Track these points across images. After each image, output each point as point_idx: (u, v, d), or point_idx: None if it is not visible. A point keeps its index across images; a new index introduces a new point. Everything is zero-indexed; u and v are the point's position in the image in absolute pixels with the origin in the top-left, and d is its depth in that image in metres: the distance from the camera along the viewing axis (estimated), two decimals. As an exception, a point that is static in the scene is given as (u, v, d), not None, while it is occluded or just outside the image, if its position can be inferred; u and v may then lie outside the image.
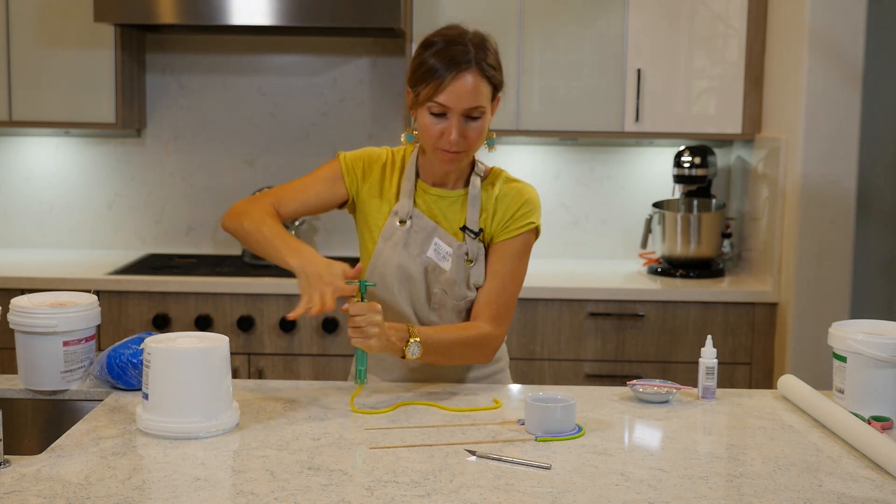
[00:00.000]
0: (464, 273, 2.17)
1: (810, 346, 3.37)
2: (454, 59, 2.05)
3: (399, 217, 2.18)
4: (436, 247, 2.17)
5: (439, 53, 2.06)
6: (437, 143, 2.09)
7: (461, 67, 2.05)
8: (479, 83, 2.06)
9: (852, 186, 3.39)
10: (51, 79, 3.70)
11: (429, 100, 2.07)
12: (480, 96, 2.07)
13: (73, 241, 4.08)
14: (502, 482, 1.61)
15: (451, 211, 2.19)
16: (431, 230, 2.17)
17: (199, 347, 1.82)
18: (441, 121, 2.08)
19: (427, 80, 2.06)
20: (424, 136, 2.11)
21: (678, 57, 3.70)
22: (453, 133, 2.06)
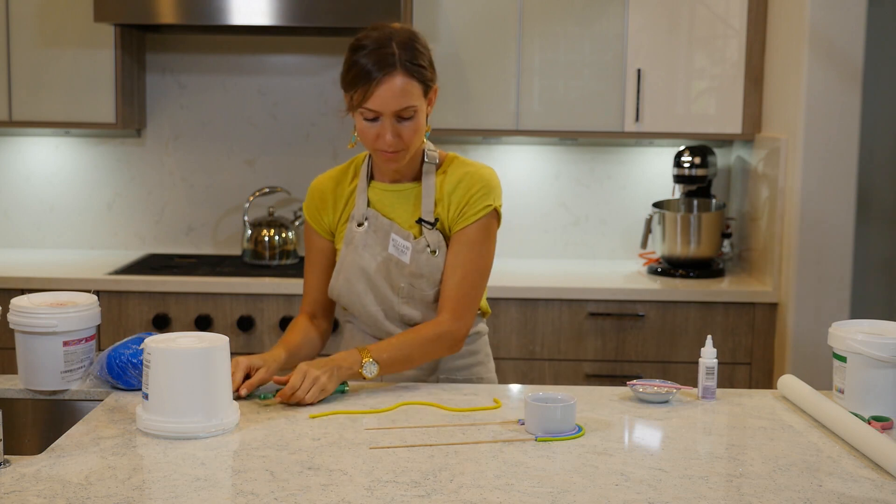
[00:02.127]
0: (429, 265, 2.19)
1: (810, 346, 3.37)
2: (378, 62, 2.05)
3: (356, 220, 2.22)
4: (393, 242, 2.20)
5: (365, 58, 2.07)
6: (374, 144, 2.13)
7: (386, 71, 2.05)
8: (406, 84, 2.07)
9: (852, 186, 3.39)
10: (51, 79, 3.70)
11: (360, 105, 2.08)
12: (410, 96, 2.07)
13: (73, 241, 4.08)
14: (502, 482, 1.61)
15: (406, 205, 2.22)
16: (388, 227, 2.21)
17: (199, 347, 1.82)
18: (374, 124, 2.10)
19: (355, 85, 2.08)
20: (362, 139, 2.15)
21: (678, 57, 3.70)
22: (388, 135, 2.09)
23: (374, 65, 2.05)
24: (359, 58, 2.07)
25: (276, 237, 3.81)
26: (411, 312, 2.22)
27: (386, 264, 2.20)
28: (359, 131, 2.14)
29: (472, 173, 2.19)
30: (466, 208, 2.18)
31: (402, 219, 2.22)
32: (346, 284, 2.23)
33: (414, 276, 2.19)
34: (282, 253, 3.82)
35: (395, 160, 2.15)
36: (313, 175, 4.01)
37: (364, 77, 2.06)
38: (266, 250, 3.81)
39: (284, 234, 3.83)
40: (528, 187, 4.05)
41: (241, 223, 4.01)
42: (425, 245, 2.19)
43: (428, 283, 2.20)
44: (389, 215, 2.22)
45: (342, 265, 2.24)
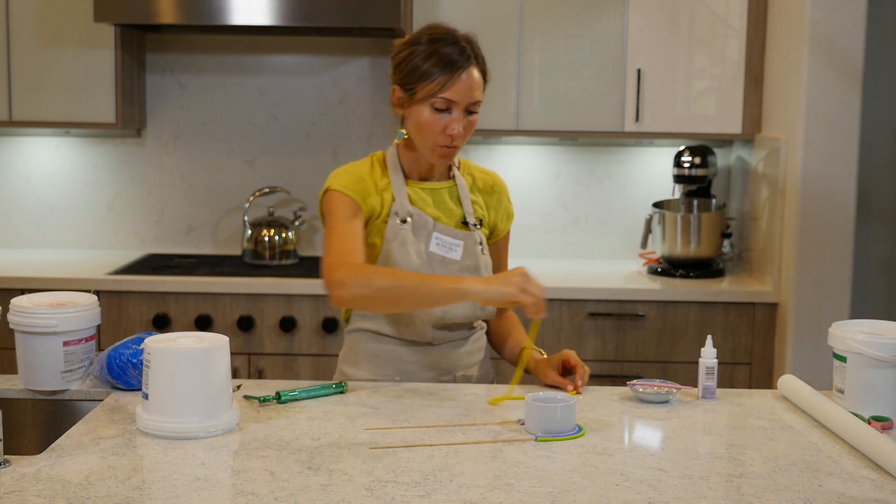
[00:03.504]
0: (479, 260, 2.24)
1: (810, 346, 3.37)
2: (460, 53, 2.11)
3: (400, 217, 2.19)
4: (437, 241, 2.20)
5: (446, 48, 2.11)
6: (437, 138, 2.13)
7: (468, 62, 2.12)
8: (479, 78, 2.15)
9: (852, 186, 3.39)
10: (51, 79, 3.70)
11: (433, 95, 2.10)
12: (481, 91, 2.15)
13: (73, 241, 4.08)
14: (502, 482, 1.61)
15: (441, 203, 2.25)
16: (431, 225, 2.21)
17: (199, 347, 1.82)
18: (444, 116, 2.12)
19: (432, 75, 2.10)
20: (425, 132, 2.14)
21: (678, 57, 3.70)
22: (458, 126, 2.12)
23: (458, 55, 2.10)
24: (438, 48, 2.10)
25: (276, 237, 3.81)
26: (453, 311, 2.20)
27: (430, 262, 2.19)
28: (422, 123, 2.13)
29: (501, 181, 2.36)
30: (505, 215, 2.35)
31: (440, 217, 2.23)
32: None
33: (464, 270, 2.21)
34: (282, 253, 3.82)
35: (450, 156, 2.17)
36: (313, 175, 4.03)
37: (447, 66, 2.09)
38: (266, 250, 3.81)
39: (284, 234, 3.83)
40: (528, 187, 4.05)
41: (241, 223, 4.01)
42: (479, 240, 2.25)
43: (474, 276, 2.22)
44: (428, 213, 2.22)
45: (387, 262, 2.18)
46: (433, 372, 2.25)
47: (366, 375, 2.24)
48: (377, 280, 2.00)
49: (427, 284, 2.01)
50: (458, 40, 2.13)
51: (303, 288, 3.48)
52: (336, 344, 3.50)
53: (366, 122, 4.03)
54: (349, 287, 2.00)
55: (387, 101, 4.00)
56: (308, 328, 3.50)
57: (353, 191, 2.17)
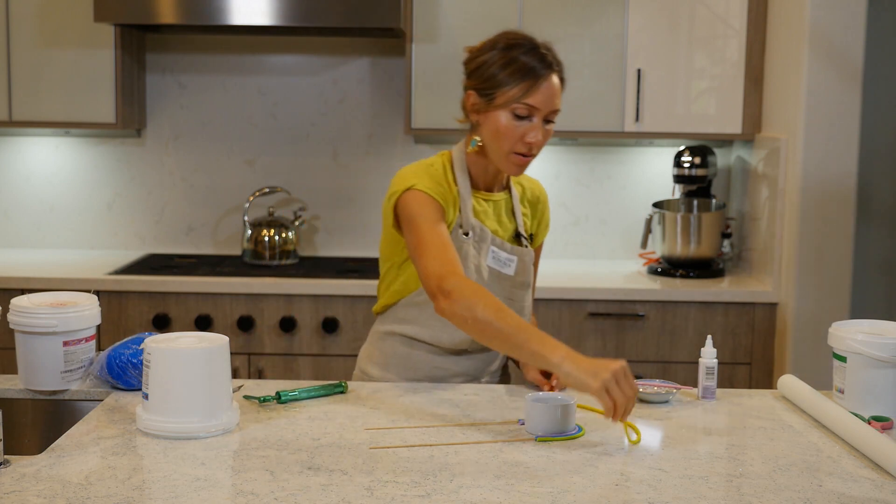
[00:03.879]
0: (530, 276, 2.23)
1: (810, 346, 3.37)
2: (542, 60, 2.07)
3: (463, 229, 2.15)
4: (493, 255, 2.17)
5: (527, 55, 2.06)
6: (514, 146, 2.08)
7: (550, 69, 2.07)
8: (559, 86, 2.10)
9: (852, 186, 3.39)
10: (51, 79, 3.70)
11: (515, 101, 2.05)
12: (560, 99, 2.11)
13: (73, 241, 4.08)
14: (502, 482, 1.61)
15: (497, 215, 2.22)
16: (489, 239, 2.17)
17: (199, 347, 1.82)
18: (523, 123, 2.07)
19: (514, 81, 2.05)
20: (503, 138, 2.07)
21: (678, 57, 3.70)
22: (538, 134, 2.07)
23: (539, 62, 2.06)
24: (518, 55, 2.06)
25: (276, 237, 3.81)
26: None
27: (484, 276, 2.16)
28: (500, 129, 2.07)
29: (545, 191, 2.34)
30: (545, 226, 2.33)
31: (497, 229, 2.21)
32: None
33: (517, 287, 2.19)
34: (282, 253, 3.82)
35: (523, 166, 2.12)
36: (313, 175, 4.04)
37: (530, 72, 2.05)
38: (266, 250, 3.81)
39: (284, 234, 3.83)
40: (528, 187, 4.05)
41: (241, 223, 4.01)
42: (531, 257, 2.24)
43: (526, 294, 2.22)
44: (487, 225, 2.19)
45: None
46: (463, 378, 2.23)
47: (394, 378, 2.23)
48: (479, 310, 1.90)
49: (520, 338, 1.87)
50: (538, 46, 2.09)
51: (303, 288, 3.48)
52: (336, 344, 3.50)
53: (366, 122, 4.03)
54: (455, 304, 1.94)
55: (387, 100, 4.03)
56: (308, 328, 3.50)
57: (438, 194, 2.09)
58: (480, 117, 2.11)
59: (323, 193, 4.05)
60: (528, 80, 2.05)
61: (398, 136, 4.03)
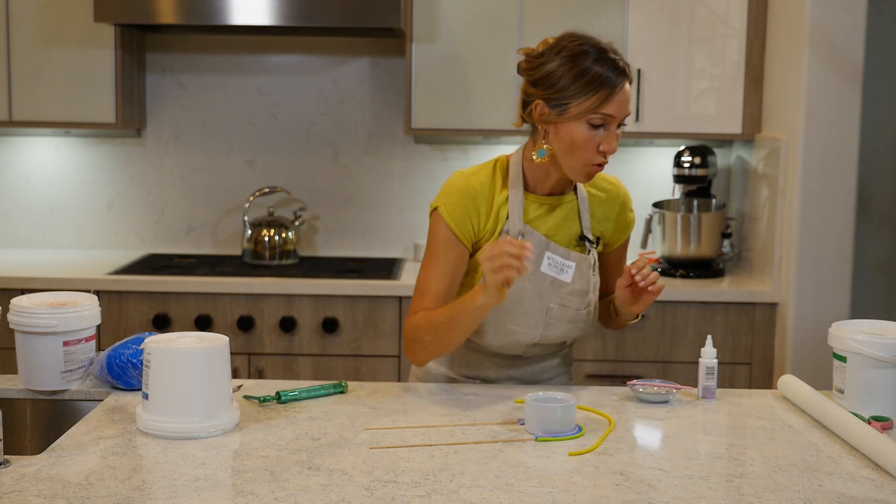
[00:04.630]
0: (591, 282, 2.16)
1: (810, 346, 3.37)
2: (615, 68, 2.01)
3: (511, 235, 2.09)
4: (549, 261, 2.12)
5: (599, 64, 2.00)
6: (591, 156, 2.03)
7: (624, 76, 2.02)
8: (631, 93, 2.05)
9: (852, 186, 3.39)
10: (51, 79, 3.70)
11: (591, 111, 2.00)
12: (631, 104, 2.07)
13: (73, 241, 4.08)
14: (502, 482, 1.61)
15: (559, 219, 2.15)
16: (544, 245, 2.12)
17: (199, 347, 1.82)
18: (598, 132, 2.02)
19: (594, 90, 1.99)
20: (579, 150, 2.03)
21: (678, 57, 3.70)
22: (614, 143, 2.02)
23: (613, 70, 2.00)
24: (590, 64, 1.99)
25: (276, 237, 3.81)
26: (553, 333, 2.15)
27: (539, 284, 2.11)
28: (576, 141, 2.02)
29: (624, 191, 2.25)
30: (625, 225, 2.25)
31: (556, 234, 2.15)
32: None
33: (574, 294, 2.13)
34: (282, 253, 3.82)
35: (596, 174, 2.08)
36: (313, 175, 4.04)
37: (605, 83, 1.99)
38: (266, 250, 3.81)
39: (284, 234, 3.83)
40: (528, 187, 4.05)
41: (241, 223, 4.01)
42: (592, 262, 2.17)
43: (583, 301, 2.15)
44: (542, 230, 2.13)
45: None
46: (516, 382, 2.21)
47: (446, 373, 2.23)
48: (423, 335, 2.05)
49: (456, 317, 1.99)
50: (606, 51, 2.02)
51: (303, 288, 3.48)
52: (336, 344, 3.50)
53: (366, 122, 4.03)
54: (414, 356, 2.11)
55: (387, 100, 4.03)
56: (308, 328, 3.50)
57: (454, 218, 2.09)
58: (550, 127, 2.05)
59: (323, 193, 4.05)
60: (604, 90, 1.99)
61: (398, 136, 4.02)
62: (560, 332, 2.16)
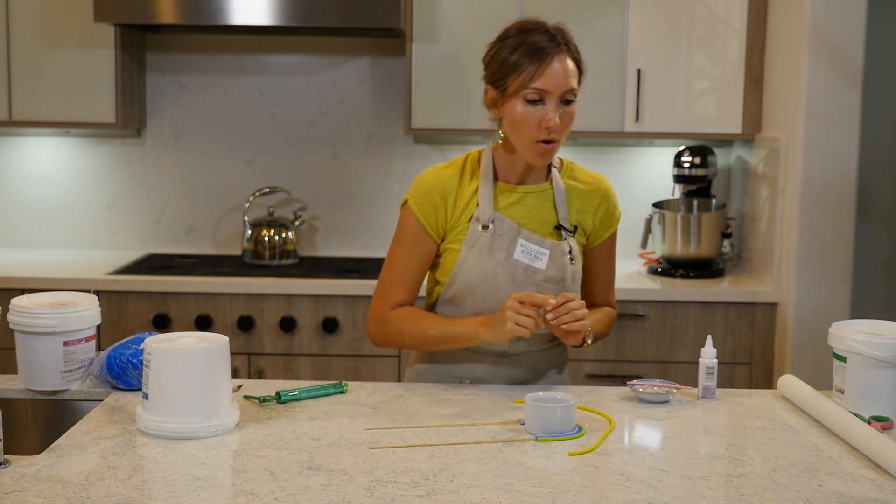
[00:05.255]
0: (567, 270, 2.16)
1: (810, 346, 3.37)
2: (550, 40, 2.05)
3: (481, 222, 2.13)
4: (522, 248, 2.14)
5: (534, 37, 2.05)
6: (534, 133, 2.06)
7: (559, 48, 2.05)
8: (571, 66, 2.07)
9: (852, 186, 3.39)
10: (51, 79, 3.70)
11: (525, 87, 2.04)
12: (574, 79, 2.08)
13: (73, 241, 4.08)
14: (502, 482, 1.61)
15: (533, 207, 2.17)
16: (515, 232, 2.14)
17: (199, 347, 1.82)
18: (537, 108, 2.05)
19: (522, 66, 2.03)
20: (521, 128, 2.07)
21: (678, 57, 3.70)
22: (554, 117, 2.04)
23: (547, 42, 2.04)
24: (526, 38, 2.05)
25: (276, 237, 3.81)
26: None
27: (511, 270, 2.13)
28: (517, 119, 2.06)
29: (605, 185, 2.26)
30: (610, 220, 2.26)
31: (529, 222, 2.16)
32: (465, 289, 2.15)
33: (548, 281, 2.14)
34: (282, 253, 3.82)
35: (548, 153, 2.09)
36: (313, 175, 4.04)
37: (536, 54, 2.03)
38: (266, 250, 3.81)
39: (284, 234, 3.83)
40: (528, 187, 4.05)
41: (241, 223, 4.01)
42: (568, 250, 2.17)
43: (559, 288, 2.15)
44: (515, 218, 2.15)
45: (462, 268, 2.14)
46: (505, 380, 2.21)
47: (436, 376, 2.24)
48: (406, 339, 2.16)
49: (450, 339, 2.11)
50: (546, 29, 2.07)
51: (303, 288, 3.48)
52: (336, 344, 3.50)
53: (366, 122, 4.03)
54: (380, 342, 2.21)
55: (387, 100, 4.03)
56: (308, 328, 3.50)
57: (422, 212, 2.15)
58: (499, 110, 2.11)
59: (323, 193, 4.05)
60: (535, 61, 2.03)
61: (398, 136, 4.02)
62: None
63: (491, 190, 2.15)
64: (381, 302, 2.19)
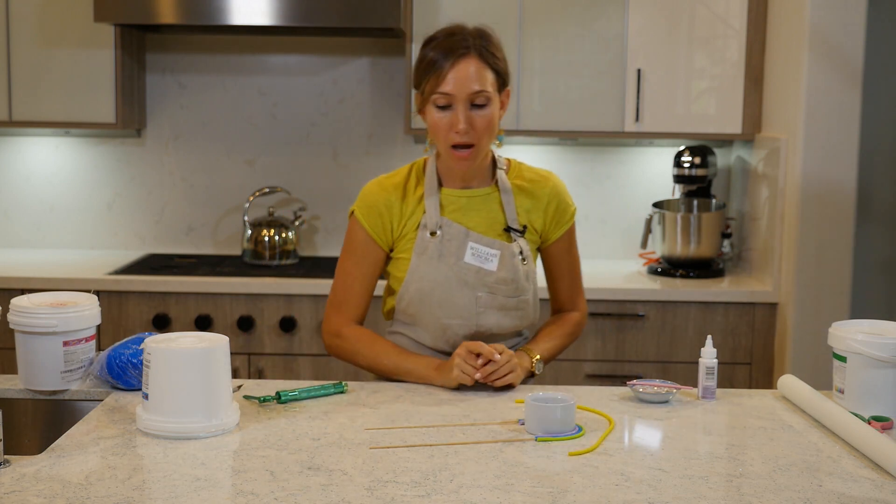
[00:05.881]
0: (519, 271, 2.17)
1: (810, 346, 3.37)
2: (452, 46, 2.06)
3: (429, 229, 2.15)
4: (472, 251, 2.15)
5: (439, 45, 2.08)
6: (447, 137, 2.07)
7: (459, 53, 2.06)
8: (480, 69, 2.07)
9: (852, 186, 3.39)
10: (51, 79, 3.70)
11: (433, 92, 2.06)
12: (483, 81, 2.07)
13: (73, 241, 4.08)
14: (502, 482, 1.61)
15: (482, 211, 2.18)
16: (464, 236, 2.15)
17: (199, 347, 1.82)
18: (447, 113, 2.07)
19: (429, 72, 2.06)
20: (435, 133, 2.10)
21: (678, 57, 3.70)
22: (461, 120, 2.05)
23: (447, 49, 2.06)
24: (429, 49, 2.08)
25: (276, 237, 3.81)
26: (487, 322, 2.18)
27: (463, 274, 2.15)
28: (431, 126, 2.09)
29: (553, 182, 2.25)
30: (562, 217, 2.25)
31: (478, 225, 2.17)
32: (419, 296, 2.17)
33: (500, 282, 2.15)
34: (282, 253, 3.82)
35: (467, 158, 2.09)
36: (313, 175, 4.04)
37: (436, 63, 2.06)
38: (266, 250, 3.81)
39: (284, 234, 3.83)
40: (528, 187, 4.05)
41: (241, 223, 4.01)
42: (518, 251, 2.18)
43: (512, 289, 2.17)
44: (463, 222, 2.17)
45: (414, 276, 2.16)
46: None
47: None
48: (360, 360, 2.20)
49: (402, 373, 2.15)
50: (455, 32, 2.09)
51: (303, 288, 3.48)
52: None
53: (366, 122, 4.03)
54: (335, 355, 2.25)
55: (387, 100, 4.03)
56: (308, 328, 3.50)
57: (369, 224, 2.18)
58: (423, 116, 2.14)
59: (323, 193, 4.05)
60: (435, 70, 2.06)
61: (398, 136, 4.02)
62: (494, 321, 2.18)
63: (436, 196, 2.17)
64: (335, 314, 2.23)
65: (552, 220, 2.25)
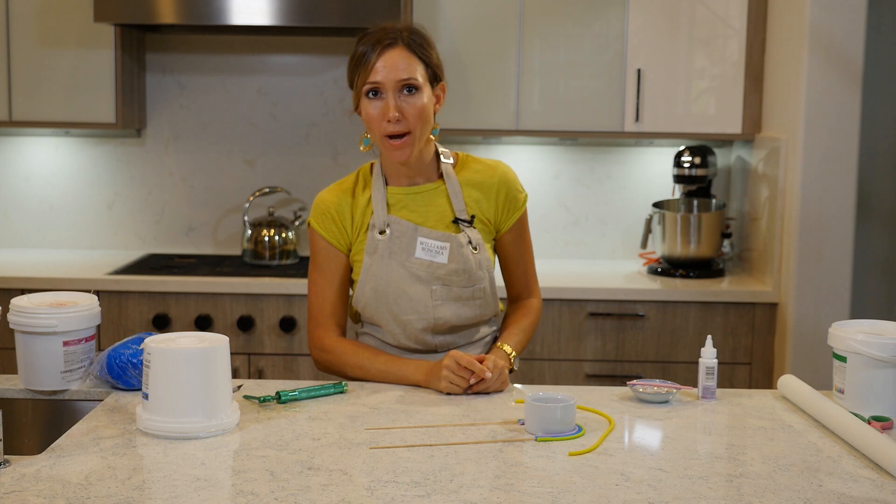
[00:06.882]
0: (471, 261, 2.19)
1: (810, 346, 3.37)
2: (380, 38, 2.11)
3: (377, 228, 2.18)
4: (422, 246, 2.18)
5: (367, 39, 2.12)
6: (380, 127, 2.10)
7: (386, 44, 2.10)
8: (408, 58, 2.11)
9: (852, 186, 3.39)
10: (51, 79, 3.70)
11: (364, 83, 2.10)
12: (411, 69, 2.10)
13: (73, 241, 4.08)
14: (502, 482, 1.61)
15: (430, 205, 2.21)
16: (413, 231, 2.18)
17: (199, 347, 1.82)
18: (378, 102, 2.10)
19: (359, 65, 2.11)
20: (370, 126, 2.14)
21: (678, 57, 3.70)
22: (392, 108, 2.08)
23: (374, 41, 2.11)
24: (360, 44, 2.13)
25: (276, 237, 3.81)
26: (445, 314, 2.19)
27: (415, 269, 2.17)
28: (365, 119, 2.13)
29: (501, 171, 2.26)
30: (513, 205, 2.25)
31: (426, 220, 2.20)
32: (374, 295, 2.19)
33: (452, 273, 2.17)
34: (282, 253, 3.82)
35: (402, 148, 2.11)
36: (313, 175, 4.04)
37: (365, 54, 2.10)
38: (266, 250, 3.81)
39: (284, 234, 3.83)
40: (528, 187, 4.04)
41: (241, 223, 4.01)
42: (467, 241, 2.20)
43: (465, 279, 2.19)
44: (411, 219, 2.19)
45: (367, 276, 2.19)
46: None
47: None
48: (348, 371, 2.19)
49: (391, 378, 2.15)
50: (385, 27, 2.13)
51: (303, 288, 3.48)
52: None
53: (366, 122, 4.02)
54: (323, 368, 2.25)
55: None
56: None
57: (325, 231, 2.22)
58: (359, 112, 2.17)
59: (323, 193, 4.05)
60: (365, 60, 2.10)
61: (398, 136, 4.02)
62: (451, 313, 2.20)
63: (383, 196, 2.20)
64: (316, 328, 2.24)
65: (503, 208, 2.25)
